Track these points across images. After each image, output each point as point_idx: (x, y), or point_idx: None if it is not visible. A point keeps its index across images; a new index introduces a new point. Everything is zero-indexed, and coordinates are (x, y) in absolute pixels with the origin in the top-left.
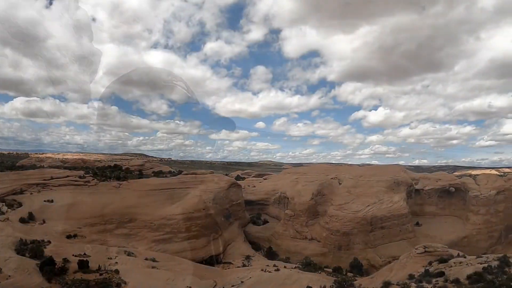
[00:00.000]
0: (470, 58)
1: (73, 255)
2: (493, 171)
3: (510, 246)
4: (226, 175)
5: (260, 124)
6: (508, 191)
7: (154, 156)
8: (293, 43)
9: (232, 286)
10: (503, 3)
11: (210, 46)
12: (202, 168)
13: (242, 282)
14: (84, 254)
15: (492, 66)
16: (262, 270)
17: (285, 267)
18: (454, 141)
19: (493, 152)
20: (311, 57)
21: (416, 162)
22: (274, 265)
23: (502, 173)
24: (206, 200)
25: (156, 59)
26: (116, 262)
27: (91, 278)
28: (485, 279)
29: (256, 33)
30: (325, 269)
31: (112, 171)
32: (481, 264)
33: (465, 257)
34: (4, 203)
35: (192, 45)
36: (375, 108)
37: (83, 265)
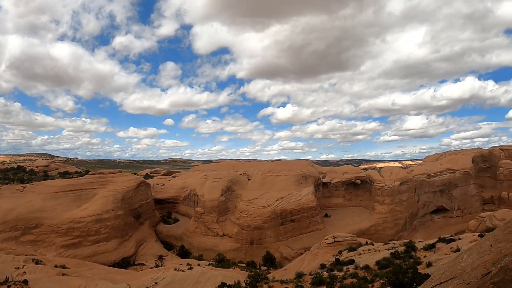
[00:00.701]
0: (375, 59)
1: None
2: (397, 164)
3: (415, 232)
4: (135, 174)
5: (169, 121)
6: (410, 182)
7: (60, 156)
8: (204, 39)
9: None
10: (410, 9)
11: (120, 40)
12: (110, 168)
13: (156, 283)
14: None
15: (396, 67)
16: (175, 269)
17: (198, 265)
18: (360, 136)
19: (396, 146)
20: (221, 54)
21: (324, 157)
22: (188, 264)
23: (405, 166)
24: (114, 200)
25: (63, 52)
26: (24, 272)
27: None
28: (393, 264)
29: (167, 28)
30: (238, 264)
31: (15, 173)
32: (388, 250)
33: (373, 245)
34: None
35: (101, 39)
36: (284, 105)
37: None
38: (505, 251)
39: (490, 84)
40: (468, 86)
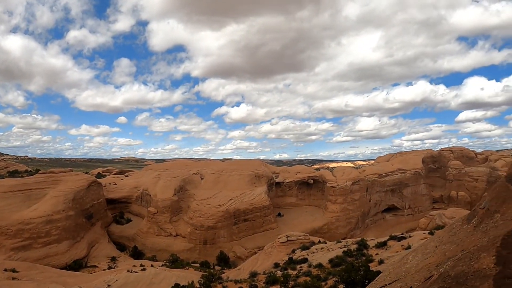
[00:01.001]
0: (330, 61)
1: None
2: (349, 164)
3: (367, 231)
4: (86, 173)
5: (122, 119)
6: (362, 182)
7: (9, 154)
8: (160, 36)
9: None
10: (365, 14)
11: (74, 34)
12: (61, 166)
13: (108, 285)
14: None
15: (350, 69)
16: (128, 271)
17: (152, 265)
18: (313, 137)
19: (349, 147)
20: (177, 51)
21: (277, 156)
22: (141, 265)
23: (357, 166)
24: (65, 200)
25: (15, 44)
26: None
27: None
28: (345, 262)
29: (122, 24)
30: (192, 264)
31: None
32: (341, 248)
33: (326, 243)
34: None
35: (55, 32)
36: (238, 104)
37: None
38: (449, 253)
39: (441, 88)
40: (420, 89)
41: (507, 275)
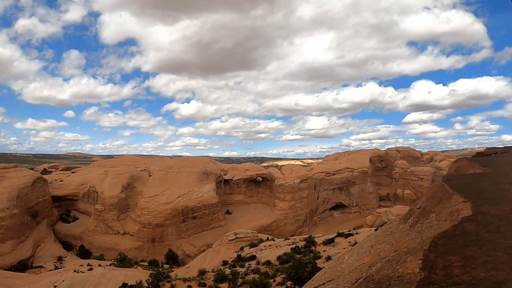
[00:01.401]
0: (282, 60)
1: None
2: (298, 162)
3: (315, 228)
4: (32, 169)
5: (70, 113)
6: (311, 179)
7: None
8: (111, 29)
9: None
10: (319, 15)
11: (23, 23)
12: (6, 162)
13: (55, 286)
14: None
15: (302, 69)
16: (75, 271)
17: (99, 265)
18: (263, 135)
19: (298, 145)
20: (128, 45)
21: (226, 154)
22: (88, 265)
23: (305, 164)
24: (9, 198)
25: None
26: None
27: None
28: (293, 259)
29: (74, 14)
30: (140, 263)
31: None
32: (289, 245)
33: (274, 240)
34: None
35: (3, 20)
36: (188, 100)
37: None
38: (383, 253)
39: (390, 90)
40: (369, 91)
41: (432, 281)
